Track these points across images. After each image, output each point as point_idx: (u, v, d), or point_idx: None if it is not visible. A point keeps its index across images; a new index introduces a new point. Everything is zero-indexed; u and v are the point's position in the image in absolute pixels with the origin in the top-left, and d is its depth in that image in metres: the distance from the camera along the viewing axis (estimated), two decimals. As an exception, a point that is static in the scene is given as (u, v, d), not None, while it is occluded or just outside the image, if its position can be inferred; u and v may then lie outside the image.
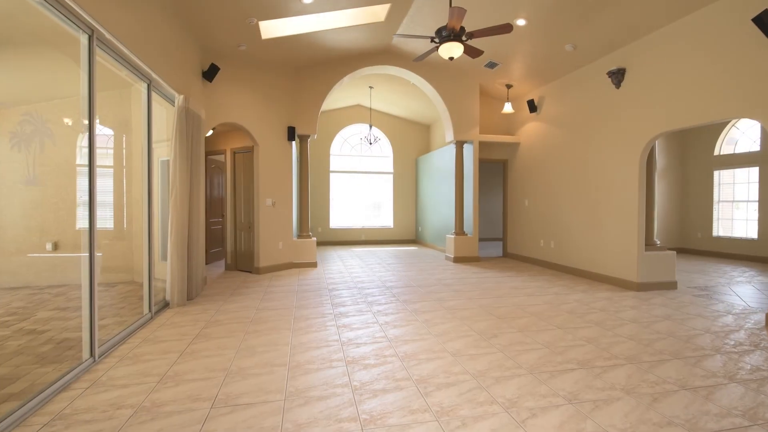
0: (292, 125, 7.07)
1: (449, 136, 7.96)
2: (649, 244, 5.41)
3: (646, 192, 5.38)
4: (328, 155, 11.26)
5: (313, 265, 7.21)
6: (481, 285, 5.64)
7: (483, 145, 8.38)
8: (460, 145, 7.89)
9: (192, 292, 4.80)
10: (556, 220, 6.97)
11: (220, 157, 7.64)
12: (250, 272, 6.64)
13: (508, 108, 7.58)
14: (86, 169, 2.90)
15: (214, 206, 7.71)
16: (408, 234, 11.77)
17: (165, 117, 4.69)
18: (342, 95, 9.99)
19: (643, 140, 5.20)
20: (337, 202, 11.43)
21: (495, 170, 12.24)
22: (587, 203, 6.18)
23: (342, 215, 11.46)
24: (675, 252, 5.42)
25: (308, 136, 7.25)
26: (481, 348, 3.19)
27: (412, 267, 7.24)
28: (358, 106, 11.38)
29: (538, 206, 7.52)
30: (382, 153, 11.71)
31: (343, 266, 7.36)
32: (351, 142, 11.53)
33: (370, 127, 9.28)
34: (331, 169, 11.35)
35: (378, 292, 5.20)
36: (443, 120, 8.07)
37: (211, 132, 6.81)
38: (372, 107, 11.20)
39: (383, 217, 11.71)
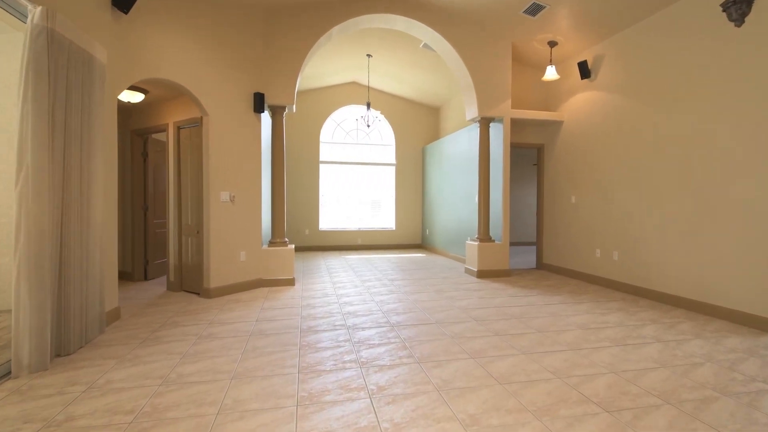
0: (260, 91, 5.17)
1: (471, 112, 6.07)
2: (793, 261, 3.54)
3: (790, 181, 3.51)
4: (317, 142, 9.35)
5: (290, 282, 5.31)
6: (532, 320, 3.76)
7: (512, 127, 6.49)
8: (485, 123, 6.00)
9: (70, 341, 2.89)
10: (621, 222, 5.09)
11: (163, 136, 5.73)
12: (199, 294, 4.74)
13: (551, 73, 5.70)
14: None
15: (159, 203, 5.80)
16: (413, 238, 9.88)
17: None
18: (333, 67, 8.08)
19: (793, 100, 3.33)
20: (328, 198, 9.53)
21: (525, 158, 10.36)
22: (682, 200, 4.30)
23: (334, 215, 9.56)
24: (831, 273, 3.56)
25: (283, 108, 5.35)
26: None
27: (423, 285, 5.35)
28: (354, 83, 9.48)
29: (591, 204, 5.64)
30: (382, 141, 9.82)
31: (331, 284, 5.46)
32: (345, 127, 9.63)
33: (368, 105, 7.44)
34: (321, 159, 9.45)
35: (378, 337, 3.31)
36: (463, 91, 6.18)
37: (141, 98, 4.90)
38: (370, 85, 9.30)
39: (383, 218, 9.82)
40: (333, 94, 9.39)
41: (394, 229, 9.76)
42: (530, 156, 10.35)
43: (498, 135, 6.12)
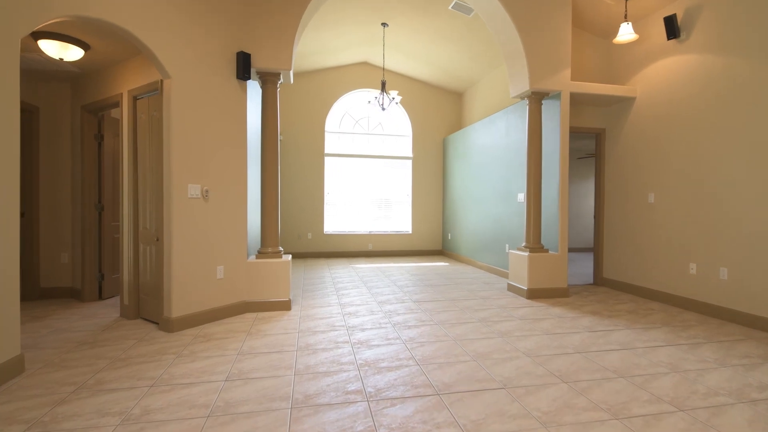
0: (246, 50, 3.89)
1: (519, 86, 4.75)
2: None
3: None
4: (322, 132, 8.06)
5: (284, 306, 4.01)
6: (652, 382, 2.43)
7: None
8: (537, 100, 4.67)
9: None
10: (729, 229, 3.74)
11: (118, 112, 4.45)
12: (158, 324, 3.46)
13: (626, 32, 4.35)
14: None
15: (118, 200, 4.53)
16: (432, 243, 8.55)
17: None
18: (341, 41, 6.79)
19: None
20: (334, 197, 8.23)
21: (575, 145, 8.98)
22: None
23: (341, 216, 8.26)
24: None
25: (277, 76, 4.06)
26: None
27: (461, 311, 4.03)
28: (365, 64, 8.18)
29: (681, 204, 4.29)
30: (397, 131, 8.50)
31: (339, 307, 4.15)
32: (354, 114, 8.33)
33: (383, 84, 6.14)
34: (326, 151, 8.15)
35: (421, 420, 2.00)
36: (508, 60, 4.85)
37: (79, 54, 3.64)
38: (385, 66, 7.99)
39: (398, 220, 8.50)
40: (341, 76, 8.09)
41: (410, 232, 8.43)
42: (577, 146, 8.99)
43: (553, 115, 4.79)
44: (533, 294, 4.55)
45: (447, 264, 7.22)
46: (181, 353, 2.84)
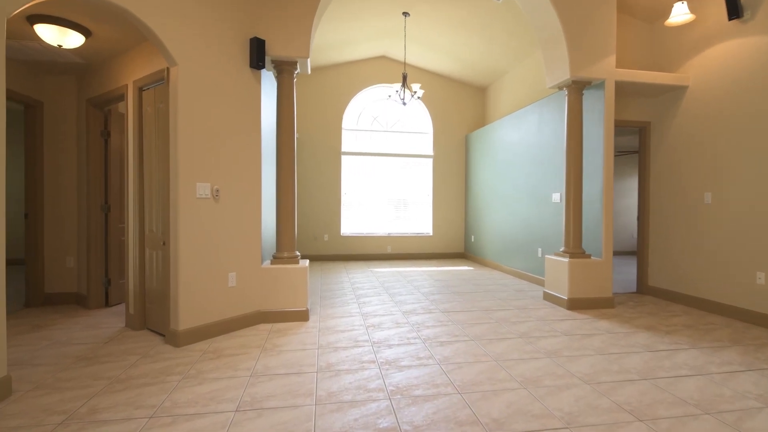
0: (260, 36, 3.56)
1: (557, 74, 4.32)
2: None
3: None
4: (338, 129, 7.72)
5: (302, 316, 3.67)
6: (741, 423, 2.00)
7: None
8: (577, 90, 4.23)
9: None
10: (813, 232, 3.25)
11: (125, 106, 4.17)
12: (165, 337, 3.15)
13: (680, 12, 3.89)
14: None
15: (124, 200, 4.25)
16: (454, 245, 8.13)
17: None
18: (360, 34, 6.44)
19: None
20: (350, 197, 7.88)
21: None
22: None
23: (358, 217, 7.90)
24: None
25: (293, 65, 3.73)
26: None
27: (496, 324, 3.63)
28: (383, 58, 7.82)
29: (745, 204, 3.80)
30: (417, 128, 8.11)
31: (361, 318, 3.79)
32: (372, 111, 7.97)
33: (405, 77, 5.75)
34: (343, 150, 7.81)
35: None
36: (546, 46, 4.43)
37: (80, 41, 3.36)
38: (405, 60, 7.61)
39: (417, 221, 8.10)
40: (358, 71, 7.75)
41: (430, 234, 8.03)
42: (615, 142, 8.46)
43: (594, 107, 4.35)
44: (574, 304, 4.11)
45: (471, 268, 6.80)
46: (187, 373, 2.51)
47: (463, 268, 6.85)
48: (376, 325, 3.56)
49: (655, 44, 4.84)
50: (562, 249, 4.35)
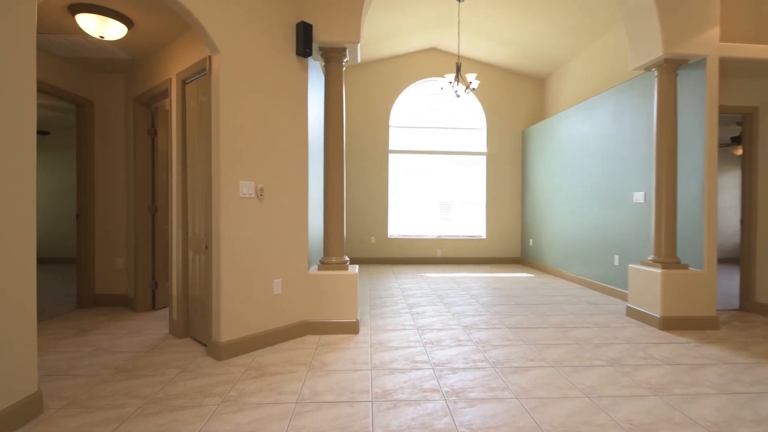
0: (307, 21, 3.26)
1: (644, 53, 3.69)
2: None
3: None
4: (386, 127, 7.38)
5: (352, 328, 3.32)
6: None
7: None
8: (670, 70, 3.58)
9: None
10: None
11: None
12: (206, 347, 2.92)
13: (812, -31, 3.15)
14: None
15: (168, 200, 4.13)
16: (509, 250, 7.52)
17: None
18: (408, 22, 6.05)
19: None
20: (398, 197, 7.50)
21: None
22: None
23: (406, 218, 7.50)
24: None
25: (342, 52, 3.40)
26: None
27: (570, 343, 3.09)
28: (433, 50, 7.38)
29: None
30: (469, 124, 7.59)
31: (416, 333, 3.38)
32: (421, 106, 7.55)
33: (458, 67, 5.29)
34: (391, 148, 7.45)
35: None
36: (629, 20, 3.81)
37: (122, 32, 3.21)
38: (458, 52, 7.13)
39: (469, 222, 7.57)
40: (407, 65, 7.36)
41: (483, 237, 7.48)
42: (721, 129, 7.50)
43: (690, 89, 3.67)
44: (669, 324, 3.46)
45: (531, 275, 6.19)
46: (227, 395, 2.22)
47: (522, 274, 6.25)
48: (435, 341, 3.14)
49: (759, 15, 4.04)
50: (650, 257, 3.71)
